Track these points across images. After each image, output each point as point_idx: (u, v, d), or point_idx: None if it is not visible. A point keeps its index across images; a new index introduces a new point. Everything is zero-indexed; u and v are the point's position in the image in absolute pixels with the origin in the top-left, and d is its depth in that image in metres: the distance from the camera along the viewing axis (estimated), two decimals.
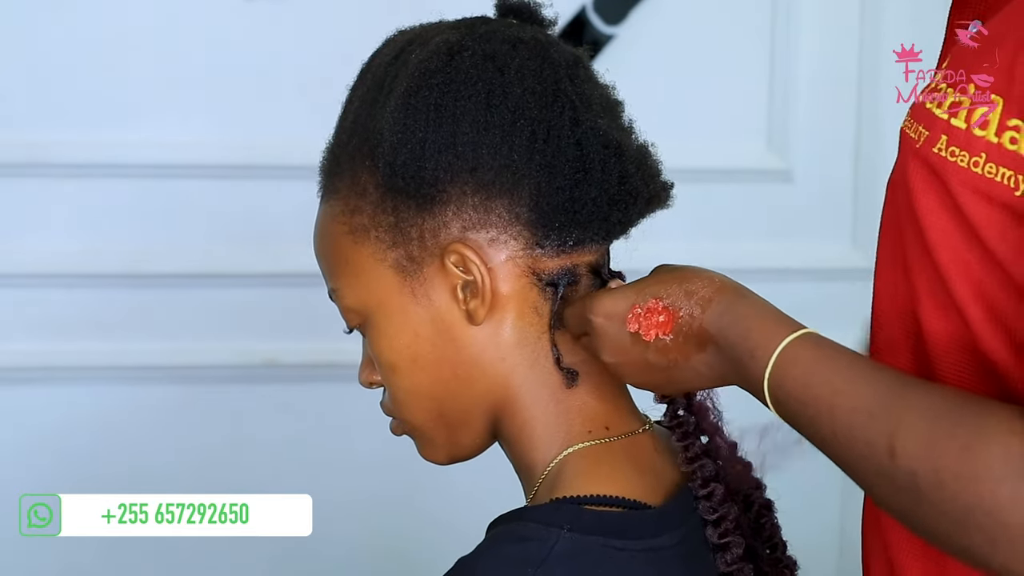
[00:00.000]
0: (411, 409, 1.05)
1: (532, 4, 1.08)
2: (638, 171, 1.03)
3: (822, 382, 0.91)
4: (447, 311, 1.02)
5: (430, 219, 1.01)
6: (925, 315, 0.93)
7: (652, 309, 0.98)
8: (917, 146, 0.91)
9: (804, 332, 0.93)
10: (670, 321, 0.97)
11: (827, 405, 0.90)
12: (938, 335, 0.92)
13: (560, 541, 0.95)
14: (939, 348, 0.92)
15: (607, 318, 1.00)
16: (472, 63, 1.01)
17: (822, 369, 0.92)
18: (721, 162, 2.17)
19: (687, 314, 0.97)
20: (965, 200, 0.88)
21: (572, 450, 1.02)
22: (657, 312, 0.98)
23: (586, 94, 1.03)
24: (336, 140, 1.05)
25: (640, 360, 0.99)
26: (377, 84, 1.03)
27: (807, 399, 0.91)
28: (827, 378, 0.91)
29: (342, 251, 1.04)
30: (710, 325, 0.96)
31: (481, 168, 1.00)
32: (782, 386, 0.92)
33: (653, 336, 0.98)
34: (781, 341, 0.93)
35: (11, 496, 2.09)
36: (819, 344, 0.93)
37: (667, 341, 0.97)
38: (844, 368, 0.91)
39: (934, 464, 0.85)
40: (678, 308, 0.97)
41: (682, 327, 0.97)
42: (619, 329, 0.99)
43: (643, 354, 0.99)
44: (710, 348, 0.96)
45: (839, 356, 0.92)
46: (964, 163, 0.89)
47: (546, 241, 1.01)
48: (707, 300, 0.97)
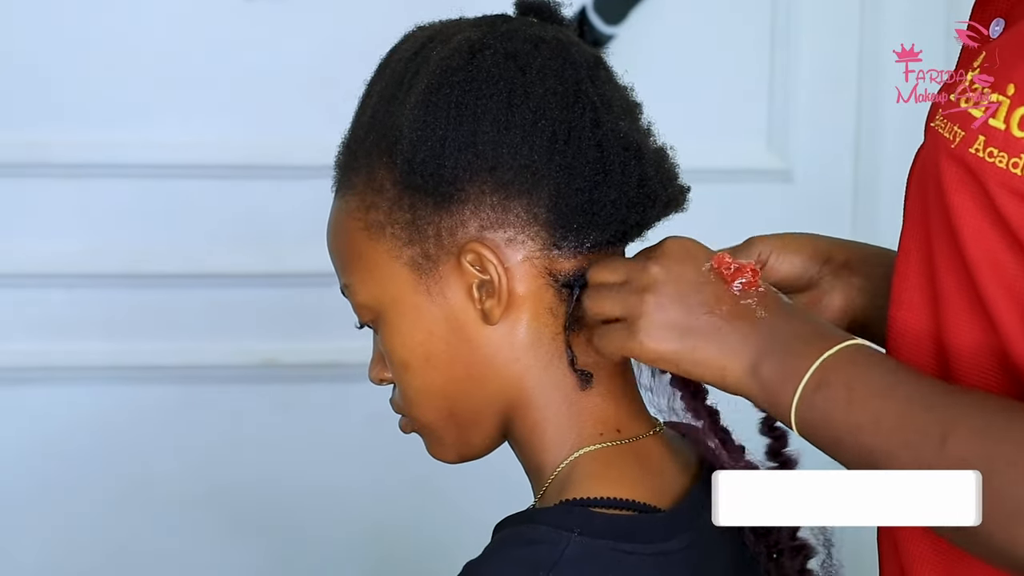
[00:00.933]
0: (422, 407, 1.05)
1: (552, 3, 1.07)
2: (657, 174, 1.03)
3: (877, 375, 0.91)
4: (462, 310, 1.02)
5: (447, 217, 1.00)
6: (950, 316, 0.93)
7: (744, 265, 0.97)
8: (952, 146, 0.91)
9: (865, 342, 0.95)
10: (755, 283, 0.97)
11: (881, 391, 0.90)
12: (963, 337, 0.92)
13: (571, 545, 0.95)
14: (963, 350, 0.92)
15: (685, 247, 0.99)
16: (494, 62, 1.00)
17: (881, 364, 0.93)
18: (721, 162, 2.17)
19: (768, 290, 0.98)
20: (1003, 201, 0.88)
21: (582, 452, 1.02)
22: (747, 268, 0.97)
23: (607, 95, 1.03)
24: (353, 135, 1.05)
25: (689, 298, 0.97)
26: (397, 80, 1.02)
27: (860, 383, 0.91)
28: (883, 372, 0.92)
29: (357, 247, 1.03)
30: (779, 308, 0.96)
31: (501, 167, 0.99)
32: (837, 369, 0.92)
33: (732, 278, 0.96)
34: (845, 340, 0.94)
35: (11, 496, 2.10)
36: (875, 350, 0.94)
37: (735, 291, 0.96)
38: (901, 368, 0.93)
39: (988, 452, 0.85)
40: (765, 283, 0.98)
41: (757, 294, 0.96)
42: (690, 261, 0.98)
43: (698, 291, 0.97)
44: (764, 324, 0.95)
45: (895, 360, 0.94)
46: (1003, 164, 0.88)
47: (563, 242, 1.01)
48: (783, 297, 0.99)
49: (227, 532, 2.14)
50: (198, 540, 2.14)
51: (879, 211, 2.16)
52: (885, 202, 2.17)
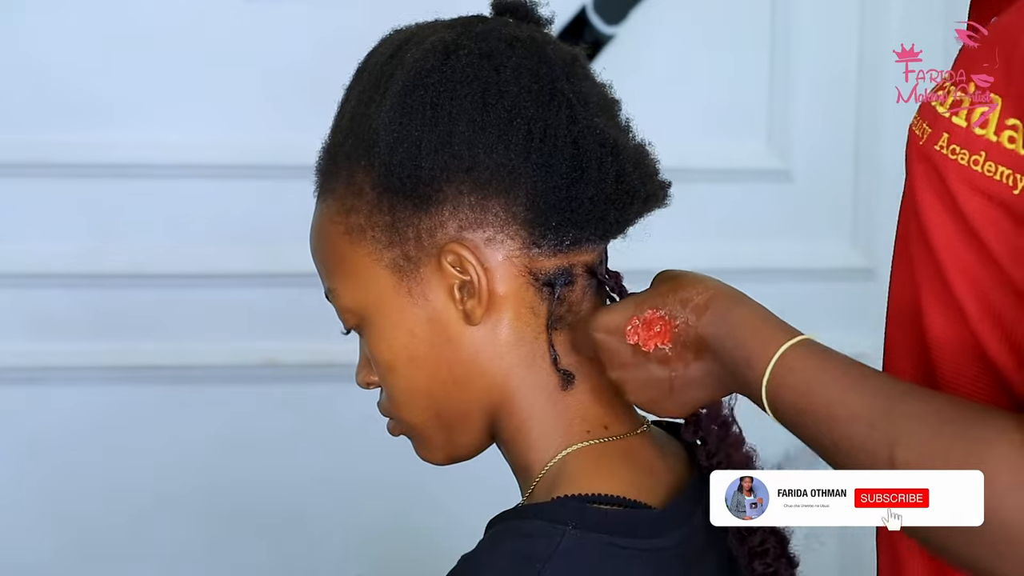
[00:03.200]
0: (409, 409, 1.05)
1: (528, 3, 1.07)
2: (635, 170, 1.03)
3: (820, 391, 0.91)
4: (444, 311, 1.02)
5: (426, 219, 1.00)
6: (928, 313, 0.93)
7: (649, 320, 0.98)
8: (920, 143, 0.92)
9: (800, 339, 0.93)
10: (667, 331, 0.97)
11: (825, 414, 0.90)
12: (940, 333, 0.92)
13: (565, 538, 0.95)
14: (941, 347, 0.93)
15: (608, 333, 1.00)
16: (468, 62, 1.00)
17: (819, 377, 0.91)
18: (721, 162, 2.17)
19: (683, 322, 0.97)
20: (965, 198, 0.89)
21: (571, 450, 1.02)
22: (654, 322, 0.98)
23: (583, 92, 1.02)
24: (332, 140, 1.05)
25: (643, 374, 0.99)
26: (373, 83, 1.03)
27: (805, 407, 0.91)
28: (824, 387, 0.91)
29: (338, 251, 1.04)
30: (705, 332, 0.96)
31: (477, 167, 0.99)
32: (780, 395, 0.92)
33: (652, 347, 0.97)
34: (777, 349, 0.93)
35: (11, 496, 2.10)
36: (815, 352, 0.93)
37: (666, 351, 0.97)
38: (841, 376, 0.91)
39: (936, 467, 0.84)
40: (674, 317, 0.97)
41: (679, 336, 0.97)
42: (620, 343, 0.99)
43: (645, 367, 0.98)
44: (707, 355, 0.96)
45: (836, 364, 0.92)
46: (964, 161, 0.89)
47: (543, 241, 1.01)
48: (702, 307, 0.97)
49: (227, 532, 2.14)
50: (198, 539, 2.14)
51: (879, 211, 2.16)
52: (885, 202, 2.16)
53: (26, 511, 2.10)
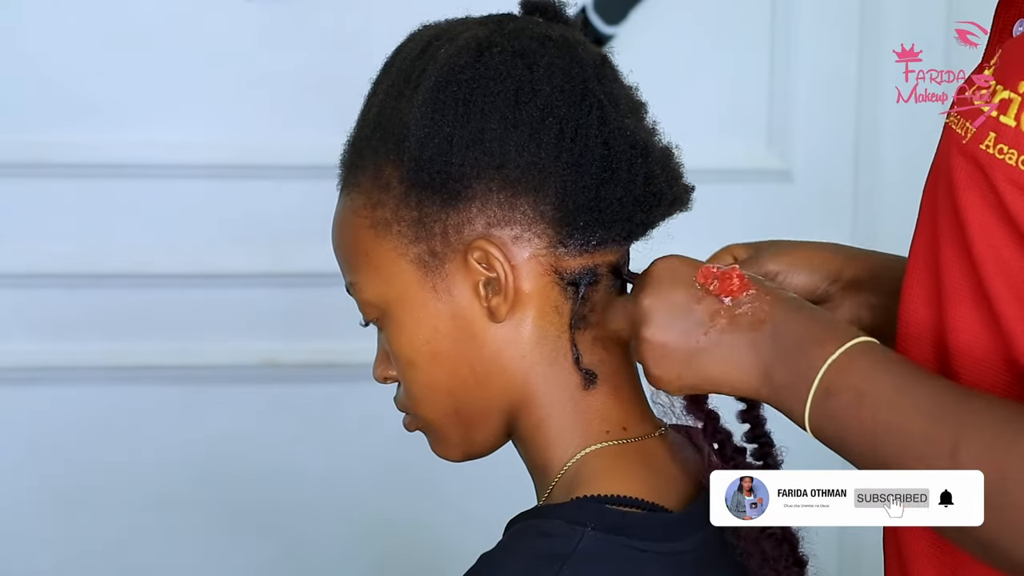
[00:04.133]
0: (427, 405, 1.05)
1: (557, 2, 1.07)
2: (663, 172, 1.03)
3: (886, 381, 0.90)
4: (468, 307, 1.01)
5: (454, 215, 1.00)
6: (955, 323, 0.92)
7: (729, 272, 0.96)
8: (963, 142, 0.91)
9: (871, 339, 0.93)
10: (743, 287, 0.96)
11: (889, 400, 0.89)
12: (966, 334, 0.92)
13: (584, 539, 0.95)
14: (966, 347, 0.92)
15: (678, 262, 0.99)
16: (501, 59, 1.00)
17: (888, 368, 0.91)
18: (721, 162, 2.17)
19: (760, 290, 0.96)
20: (1011, 198, 0.88)
21: (590, 450, 1.02)
22: (733, 276, 0.96)
23: (613, 94, 1.03)
24: (358, 133, 1.04)
25: (679, 313, 0.96)
26: (403, 78, 1.02)
27: (868, 390, 0.90)
28: (891, 378, 0.90)
29: (362, 245, 1.03)
30: (780, 310, 0.95)
31: (508, 165, 0.99)
32: (845, 375, 0.91)
33: (720, 291, 0.96)
34: (852, 338, 0.92)
35: (11, 496, 2.10)
36: (885, 349, 0.93)
37: (727, 304, 0.96)
38: (909, 372, 0.91)
39: (1000, 469, 0.84)
40: (756, 283, 0.97)
41: (749, 299, 0.96)
42: (682, 275, 0.97)
43: (687, 308, 0.96)
44: (766, 329, 0.94)
45: (903, 361, 0.92)
46: (1012, 161, 0.88)
47: (569, 240, 1.01)
48: (780, 293, 0.97)
49: (227, 531, 2.14)
50: (198, 539, 2.14)
51: (879, 211, 2.16)
52: (885, 202, 2.17)
53: (26, 511, 2.10)
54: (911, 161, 1.89)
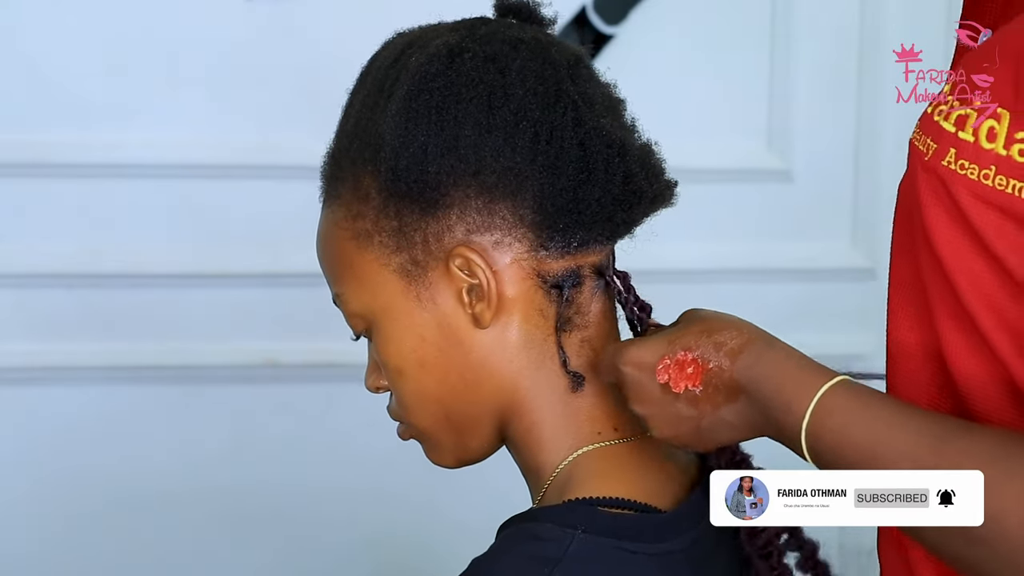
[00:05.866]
0: (418, 413, 1.05)
1: (531, 4, 1.07)
2: (642, 170, 1.03)
3: (862, 431, 0.90)
4: (453, 315, 1.02)
5: (434, 223, 1.00)
6: (941, 330, 0.92)
7: (681, 361, 0.97)
8: (926, 159, 0.91)
9: (838, 380, 0.92)
10: (699, 373, 0.97)
11: (869, 454, 0.89)
12: (954, 348, 0.92)
13: (575, 542, 0.96)
14: (957, 364, 0.92)
15: (637, 368, 0.99)
16: (473, 65, 1.00)
17: (861, 417, 0.90)
18: (721, 162, 2.17)
19: (716, 366, 0.96)
20: (976, 212, 0.88)
21: (582, 451, 1.02)
22: (686, 364, 0.97)
23: (588, 93, 1.02)
24: (337, 145, 1.05)
25: (670, 412, 0.98)
26: (377, 88, 1.02)
27: (847, 448, 0.90)
28: (867, 426, 0.90)
29: (346, 256, 1.03)
30: (740, 376, 0.95)
31: (484, 171, 0.99)
32: (821, 438, 0.91)
33: (682, 388, 0.97)
34: (816, 392, 0.92)
35: (11, 496, 2.10)
36: (855, 392, 0.92)
37: (697, 393, 0.97)
38: (884, 415, 0.90)
39: (993, 510, 0.84)
40: (707, 360, 0.96)
41: (711, 379, 0.96)
42: (649, 379, 0.98)
43: (673, 406, 0.98)
44: (741, 399, 0.95)
45: (877, 403, 0.91)
46: (974, 176, 0.88)
47: (550, 243, 1.01)
48: (736, 351, 0.96)
49: (227, 531, 2.14)
50: (197, 539, 2.14)
51: (879, 211, 2.16)
52: (885, 202, 2.15)
53: (25, 511, 2.10)
54: None
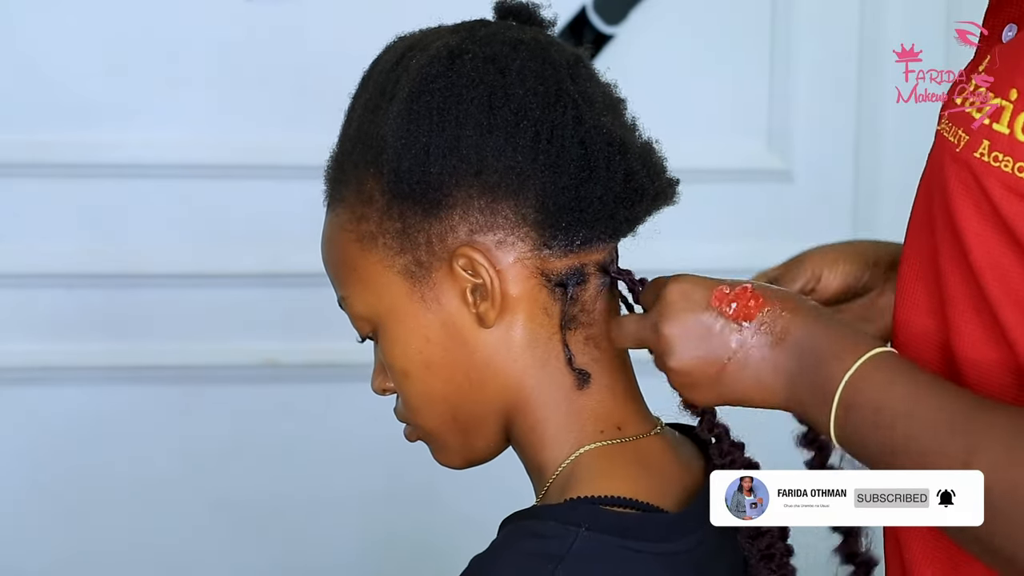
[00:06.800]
0: (425, 414, 1.05)
1: (531, 5, 1.08)
2: (643, 168, 1.03)
3: (904, 389, 0.90)
4: (457, 315, 1.02)
5: (437, 224, 1.01)
6: (956, 320, 0.92)
7: (743, 292, 0.96)
8: (956, 150, 0.91)
9: (887, 348, 0.93)
10: (760, 306, 0.96)
11: (905, 412, 0.89)
12: (968, 339, 0.92)
13: (578, 540, 0.95)
14: (970, 354, 0.92)
15: (690, 285, 0.98)
16: (473, 66, 1.01)
17: (906, 378, 0.91)
18: (721, 162, 2.17)
19: (777, 303, 0.96)
20: (1007, 205, 0.88)
21: (585, 450, 1.02)
22: (748, 295, 0.96)
23: (588, 93, 1.03)
24: (340, 148, 1.05)
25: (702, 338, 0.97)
26: (379, 91, 1.03)
27: (885, 404, 0.90)
28: (910, 388, 0.90)
29: (350, 259, 1.04)
30: (796, 324, 0.95)
31: (486, 171, 1.00)
32: (862, 390, 0.91)
33: (737, 316, 0.96)
34: (868, 350, 0.92)
35: (11, 496, 2.10)
36: (900, 359, 0.93)
37: (744, 326, 0.96)
38: (925, 379, 0.91)
39: (1013, 480, 0.84)
40: (770, 299, 0.96)
41: (766, 318, 0.96)
42: (696, 300, 0.97)
43: (709, 332, 0.96)
44: (785, 346, 0.95)
45: (919, 369, 0.92)
46: (1008, 168, 0.88)
47: (553, 241, 1.01)
48: (798, 306, 0.96)
49: (227, 531, 2.14)
50: (197, 539, 2.14)
51: (879, 211, 2.16)
52: (885, 202, 2.17)
53: (26, 511, 2.10)
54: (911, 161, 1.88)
